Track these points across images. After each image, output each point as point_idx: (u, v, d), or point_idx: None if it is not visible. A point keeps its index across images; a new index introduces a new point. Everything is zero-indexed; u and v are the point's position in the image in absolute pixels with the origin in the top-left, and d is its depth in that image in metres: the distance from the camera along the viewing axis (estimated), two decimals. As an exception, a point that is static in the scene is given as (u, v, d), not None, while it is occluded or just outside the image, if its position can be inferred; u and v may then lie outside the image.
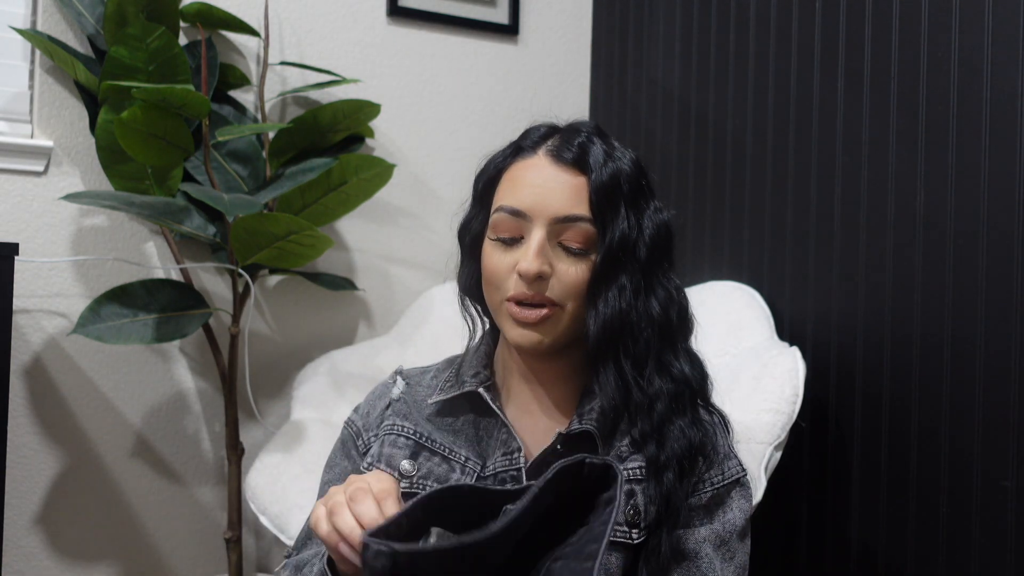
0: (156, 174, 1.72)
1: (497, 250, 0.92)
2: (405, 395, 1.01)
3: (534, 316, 0.90)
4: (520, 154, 0.94)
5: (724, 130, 1.83)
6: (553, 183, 0.90)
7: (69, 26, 1.80)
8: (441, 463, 0.93)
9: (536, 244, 0.89)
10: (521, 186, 0.91)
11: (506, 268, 0.91)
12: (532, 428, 0.95)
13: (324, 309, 2.04)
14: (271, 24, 1.97)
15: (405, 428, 0.97)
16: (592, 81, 2.30)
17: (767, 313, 1.63)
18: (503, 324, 0.93)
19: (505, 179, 0.94)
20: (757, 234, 1.73)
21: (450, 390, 0.98)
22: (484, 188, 0.97)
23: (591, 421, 0.92)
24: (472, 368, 0.99)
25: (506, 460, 0.92)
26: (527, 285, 0.89)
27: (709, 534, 0.92)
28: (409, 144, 2.12)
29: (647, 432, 0.90)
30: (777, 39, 1.70)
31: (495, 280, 0.92)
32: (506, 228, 0.91)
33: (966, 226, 1.33)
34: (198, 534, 1.92)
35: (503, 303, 0.92)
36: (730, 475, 0.95)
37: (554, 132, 0.95)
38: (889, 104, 1.46)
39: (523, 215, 0.90)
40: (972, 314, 1.31)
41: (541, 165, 0.92)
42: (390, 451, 0.95)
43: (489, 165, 0.98)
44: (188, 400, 1.91)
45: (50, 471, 1.79)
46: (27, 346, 1.76)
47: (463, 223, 1.00)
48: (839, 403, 1.54)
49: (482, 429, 0.96)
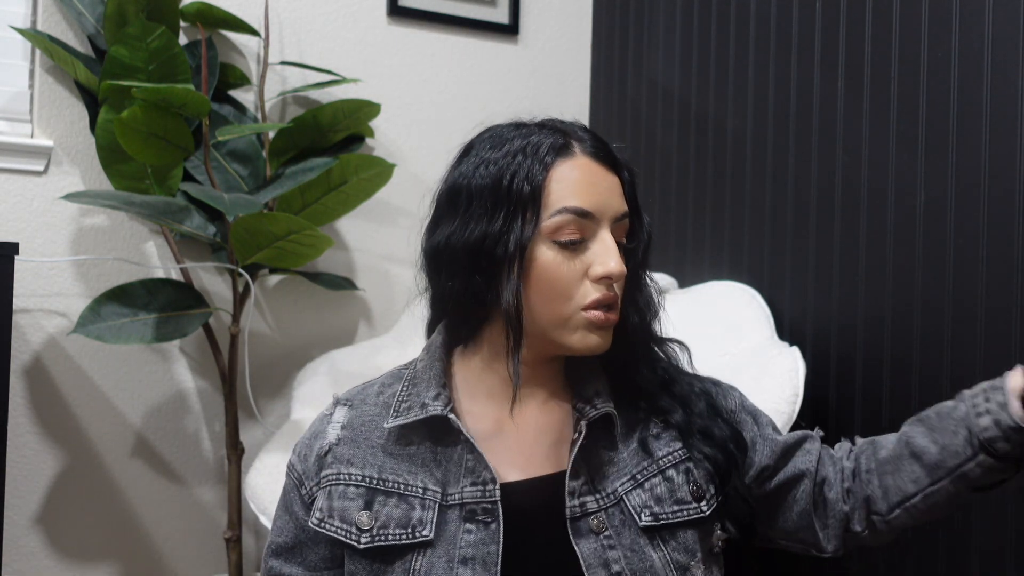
0: (156, 174, 1.72)
1: (562, 256, 0.86)
2: (348, 426, 0.93)
3: (612, 319, 0.88)
4: (561, 154, 0.88)
5: (724, 130, 1.83)
6: (605, 182, 0.89)
7: (69, 26, 1.80)
8: (399, 503, 0.87)
9: (613, 243, 0.87)
10: (581, 186, 0.87)
11: (578, 275, 0.86)
12: (498, 448, 0.89)
13: (324, 309, 2.04)
14: (271, 24, 1.97)
15: (352, 476, 0.89)
16: (592, 81, 2.30)
17: (767, 313, 1.63)
18: (569, 335, 0.87)
19: (554, 180, 0.87)
20: (757, 234, 1.73)
21: (409, 413, 0.89)
22: (528, 194, 0.86)
23: (606, 404, 0.90)
24: (431, 388, 0.90)
25: (476, 490, 0.86)
26: (608, 287, 0.87)
27: (771, 430, 0.99)
28: (409, 144, 2.12)
29: (674, 404, 0.94)
30: (777, 39, 1.70)
31: (566, 290, 0.86)
32: (571, 231, 0.86)
33: (966, 226, 1.33)
34: (198, 534, 1.92)
35: (576, 313, 0.86)
36: (727, 391, 1.01)
37: (562, 131, 0.91)
38: (889, 104, 1.46)
39: (590, 216, 0.86)
40: (972, 314, 1.31)
41: (587, 165, 0.88)
42: (341, 504, 0.88)
43: (514, 169, 0.87)
44: (188, 400, 1.91)
45: (50, 471, 1.79)
46: (27, 346, 1.76)
47: (479, 236, 0.86)
48: (839, 403, 1.54)
49: (440, 452, 0.89)
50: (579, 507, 0.86)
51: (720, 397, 0.99)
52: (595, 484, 0.88)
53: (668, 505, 0.88)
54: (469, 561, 0.83)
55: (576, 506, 0.86)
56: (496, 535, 0.84)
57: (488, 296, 0.87)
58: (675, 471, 0.90)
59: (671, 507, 0.88)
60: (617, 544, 0.85)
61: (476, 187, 0.88)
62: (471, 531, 0.84)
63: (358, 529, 0.86)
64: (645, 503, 0.87)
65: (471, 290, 0.88)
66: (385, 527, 0.86)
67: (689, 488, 0.89)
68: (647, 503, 0.87)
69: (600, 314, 0.86)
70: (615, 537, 0.85)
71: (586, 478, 0.88)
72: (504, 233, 0.86)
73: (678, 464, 0.90)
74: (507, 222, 0.86)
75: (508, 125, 0.94)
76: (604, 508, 0.87)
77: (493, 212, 0.86)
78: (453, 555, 0.84)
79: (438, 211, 0.93)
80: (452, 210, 0.90)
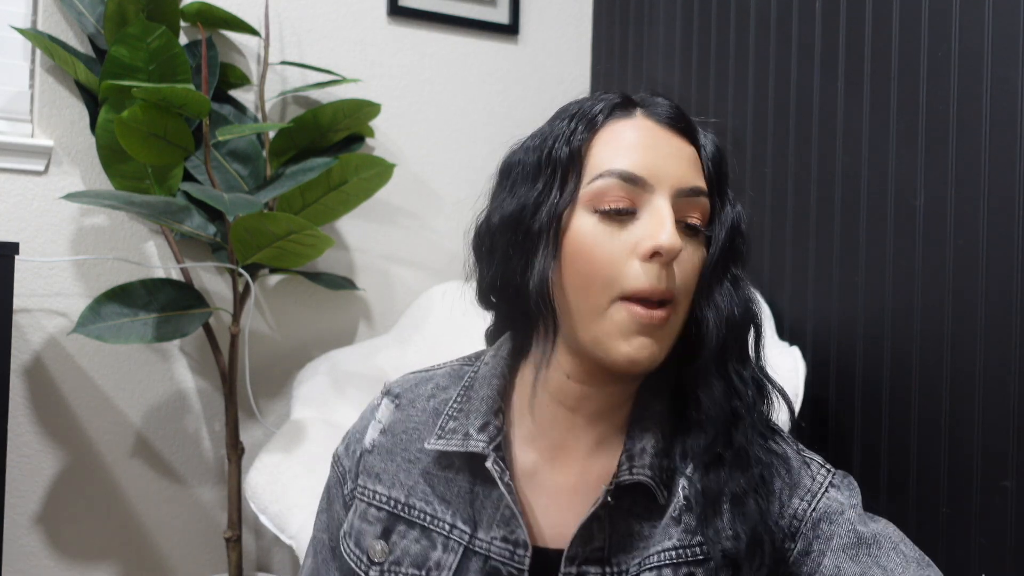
0: (156, 173, 1.72)
1: (603, 227, 0.70)
2: (389, 431, 0.82)
3: (660, 316, 0.70)
4: (615, 115, 0.74)
5: (724, 130, 1.83)
6: (668, 147, 0.72)
7: (69, 25, 1.80)
8: (420, 538, 0.76)
9: (669, 214, 0.69)
10: (631, 147, 0.71)
11: (622, 251, 0.70)
12: (538, 493, 0.77)
13: (324, 309, 2.04)
14: (271, 24, 1.97)
15: (377, 495, 0.79)
16: (592, 81, 2.30)
17: (767, 313, 1.64)
18: (607, 333, 0.70)
19: (600, 141, 0.73)
20: (757, 234, 1.73)
21: (451, 439, 0.77)
22: (566, 156, 0.72)
23: (643, 468, 0.73)
24: (480, 414, 0.77)
25: (506, 549, 0.74)
26: (657, 273, 0.69)
27: (839, 560, 0.71)
28: (409, 144, 2.12)
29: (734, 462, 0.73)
30: (777, 39, 1.70)
31: (606, 269, 0.70)
32: (616, 197, 0.70)
33: (966, 226, 1.33)
34: (198, 533, 1.92)
35: (612, 304, 0.70)
36: (817, 490, 0.75)
37: (627, 96, 0.77)
38: (889, 104, 1.46)
39: (641, 181, 0.70)
40: (972, 314, 1.31)
41: (646, 126, 0.73)
42: (360, 526, 0.79)
43: (557, 133, 0.74)
44: (188, 399, 1.91)
45: (50, 471, 1.79)
46: (27, 345, 1.76)
47: (517, 207, 0.74)
48: (839, 403, 1.54)
49: (478, 486, 0.77)
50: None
51: (790, 486, 0.75)
52: (610, 556, 0.73)
53: None
54: None
55: (572, 574, 0.72)
56: None
57: (523, 280, 0.73)
58: (672, 572, 0.72)
59: None
60: None
61: (523, 159, 0.76)
62: None
63: (368, 559, 0.78)
64: None
65: (508, 275, 0.74)
66: (398, 564, 0.77)
67: None
68: None
69: (640, 308, 0.69)
70: None
71: (602, 544, 0.73)
72: (540, 203, 0.72)
73: (679, 565, 0.72)
74: (545, 190, 0.73)
75: (583, 98, 0.79)
76: None
77: (534, 181, 0.74)
78: None
79: (490, 193, 0.80)
80: (499, 188, 0.78)
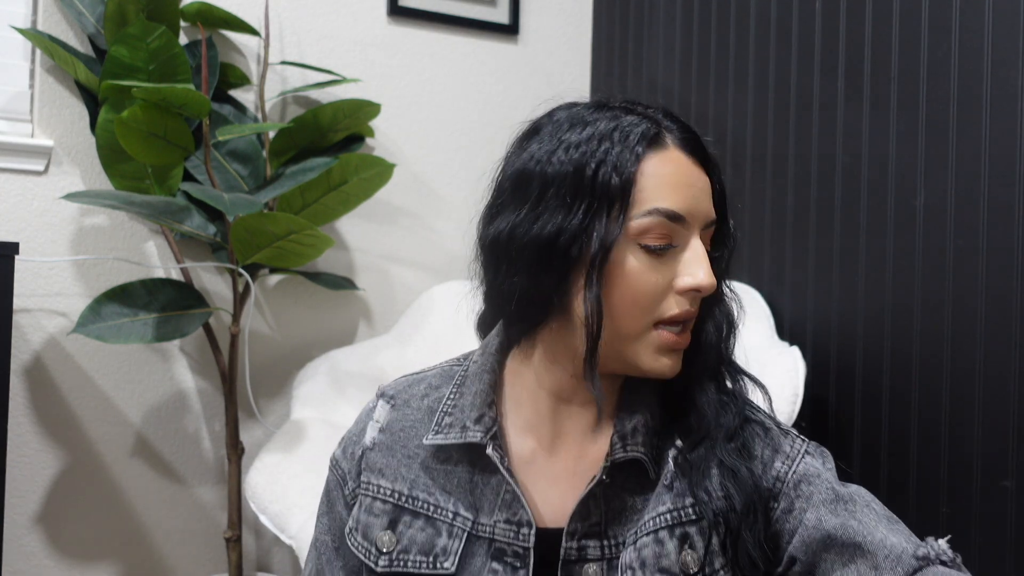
0: (156, 173, 1.72)
1: (649, 263, 0.76)
2: (387, 429, 0.86)
3: (687, 340, 0.79)
4: (653, 145, 0.77)
5: (724, 130, 1.83)
6: (699, 183, 0.79)
7: (69, 25, 1.80)
8: (425, 527, 0.81)
9: (704, 252, 0.77)
10: (674, 186, 0.76)
11: (664, 285, 0.76)
12: (537, 476, 0.82)
13: (324, 309, 2.04)
14: (271, 24, 1.97)
15: (381, 489, 0.83)
16: (592, 81, 2.30)
17: (767, 313, 1.64)
18: (639, 353, 0.77)
19: (646, 175, 0.76)
20: (757, 234, 1.73)
21: (449, 432, 0.82)
22: (617, 187, 0.75)
23: (637, 445, 0.80)
24: (475, 408, 0.82)
25: (510, 529, 0.79)
26: (691, 302, 0.77)
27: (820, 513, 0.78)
28: (409, 144, 2.12)
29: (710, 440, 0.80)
30: (777, 39, 1.70)
31: (649, 302, 0.76)
32: (660, 235, 0.76)
33: (966, 226, 1.33)
34: (198, 533, 1.92)
35: (650, 329, 0.77)
36: (795, 455, 0.82)
37: (652, 119, 0.79)
38: (889, 104, 1.46)
39: (682, 220, 0.76)
40: (972, 314, 1.31)
41: (680, 161, 0.78)
42: (367, 520, 0.83)
43: (600, 156, 0.76)
44: (188, 399, 1.91)
45: (50, 471, 1.79)
46: (27, 345, 1.76)
47: (553, 230, 0.75)
48: (839, 403, 1.54)
49: (478, 476, 0.82)
50: (576, 550, 0.78)
51: (771, 450, 0.82)
52: (607, 530, 0.79)
53: (650, 572, 0.77)
54: None
55: (573, 548, 0.78)
56: None
57: (555, 298, 0.77)
58: (668, 533, 0.78)
59: (653, 575, 0.77)
60: None
61: (552, 173, 0.76)
62: (497, 572, 0.79)
63: (377, 550, 0.81)
64: (631, 563, 0.77)
65: (536, 290, 0.77)
66: (406, 552, 0.80)
67: (679, 558, 0.77)
68: (632, 564, 0.77)
69: (672, 336, 0.77)
70: None
71: (599, 520, 0.79)
72: (584, 230, 0.74)
73: (674, 527, 0.78)
74: (588, 217, 0.75)
75: (587, 105, 0.81)
76: (607, 558, 0.78)
77: (572, 204, 0.75)
78: None
79: (501, 196, 0.80)
80: (519, 198, 0.78)
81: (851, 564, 0.75)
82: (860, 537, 0.76)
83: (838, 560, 0.76)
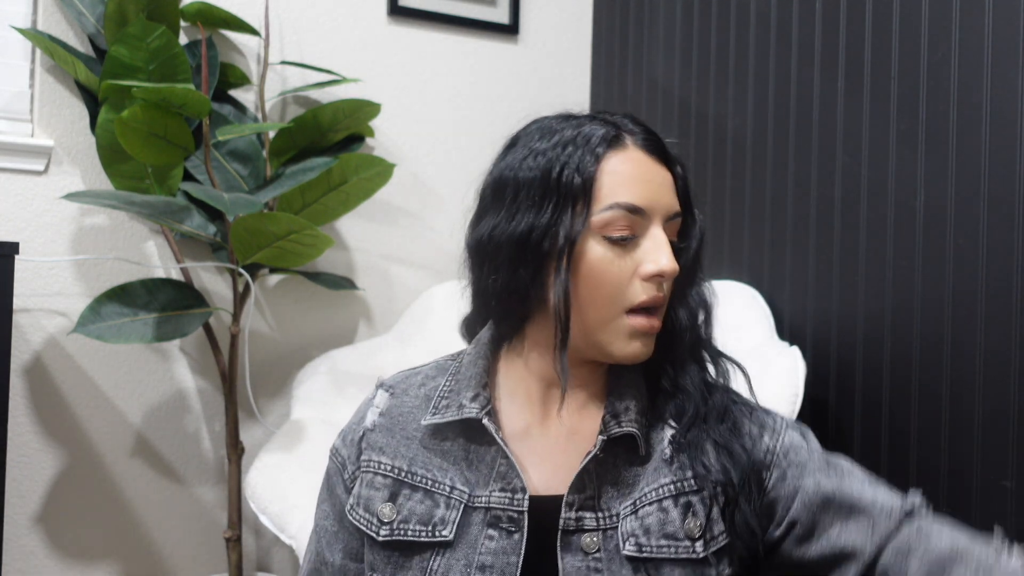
0: (156, 173, 1.72)
1: (612, 253, 0.83)
2: (386, 414, 0.92)
3: (657, 325, 0.85)
4: (613, 146, 0.85)
5: (724, 130, 1.83)
6: (658, 178, 0.85)
7: (70, 25, 1.80)
8: (423, 499, 0.86)
9: (665, 240, 0.83)
10: (632, 181, 0.83)
11: (627, 273, 0.83)
12: (529, 453, 0.87)
13: (324, 309, 2.04)
14: (271, 23, 1.97)
15: (382, 465, 0.89)
16: (592, 81, 2.31)
17: (767, 313, 1.64)
18: (611, 339, 0.84)
19: (606, 173, 0.83)
20: (757, 234, 1.73)
21: (446, 412, 0.88)
22: (579, 186, 0.83)
23: (630, 422, 0.86)
24: (470, 388, 0.88)
25: (505, 496, 0.84)
26: (657, 287, 0.83)
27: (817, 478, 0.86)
28: (409, 144, 2.12)
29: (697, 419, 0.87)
30: (777, 39, 1.70)
31: (615, 289, 0.83)
32: (621, 227, 0.83)
33: (966, 226, 1.33)
34: (198, 533, 1.92)
35: (621, 315, 0.83)
36: (780, 429, 0.90)
37: (613, 123, 0.87)
38: (889, 104, 1.46)
39: (642, 212, 0.83)
40: (972, 314, 1.31)
41: (640, 159, 0.85)
42: (368, 493, 0.88)
43: (563, 160, 0.84)
44: (188, 399, 1.91)
45: (50, 471, 1.79)
46: (27, 345, 1.76)
47: (525, 228, 0.84)
48: (839, 403, 1.54)
49: (473, 452, 0.87)
50: (574, 521, 0.83)
51: (757, 427, 0.89)
52: (601, 502, 0.84)
53: (655, 538, 0.82)
54: (487, 568, 0.82)
55: (571, 519, 0.83)
56: (518, 546, 0.82)
57: (532, 291, 0.84)
58: (673, 502, 0.83)
59: (657, 541, 0.82)
60: (605, 569, 0.82)
61: (523, 178, 0.85)
62: (493, 538, 0.83)
63: (379, 520, 0.86)
64: (633, 531, 0.82)
65: (515, 284, 0.84)
66: (406, 522, 0.85)
67: (683, 524, 0.83)
68: (635, 531, 0.82)
69: (643, 320, 0.83)
70: (604, 561, 0.82)
71: (593, 493, 0.84)
72: (552, 225, 0.82)
73: (677, 496, 0.84)
74: (556, 214, 0.83)
75: (556, 117, 0.89)
76: (603, 529, 0.83)
77: (541, 204, 0.83)
78: (472, 560, 0.82)
79: (483, 203, 0.89)
80: (497, 202, 0.86)
81: (850, 520, 0.85)
82: (855, 497, 0.86)
83: (837, 517, 0.85)
